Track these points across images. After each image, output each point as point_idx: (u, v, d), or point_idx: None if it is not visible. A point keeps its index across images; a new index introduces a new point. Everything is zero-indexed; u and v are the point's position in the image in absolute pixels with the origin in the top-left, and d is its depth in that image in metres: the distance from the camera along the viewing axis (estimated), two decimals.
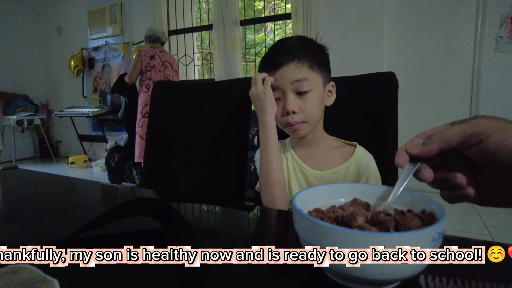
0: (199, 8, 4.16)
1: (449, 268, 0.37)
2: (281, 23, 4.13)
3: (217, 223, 0.58)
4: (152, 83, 2.90)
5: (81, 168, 4.56)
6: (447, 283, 0.32)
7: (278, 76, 0.75)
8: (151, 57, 2.94)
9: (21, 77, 5.17)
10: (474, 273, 0.36)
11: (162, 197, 0.75)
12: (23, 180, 0.91)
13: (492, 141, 0.31)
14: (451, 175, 0.35)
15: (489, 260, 0.33)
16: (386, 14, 2.83)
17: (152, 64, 2.94)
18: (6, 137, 4.94)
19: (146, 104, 2.90)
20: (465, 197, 0.36)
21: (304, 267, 0.38)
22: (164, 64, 3.00)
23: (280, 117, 0.77)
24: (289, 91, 0.75)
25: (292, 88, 0.74)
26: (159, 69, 2.95)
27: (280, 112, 0.76)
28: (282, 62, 0.74)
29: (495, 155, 0.31)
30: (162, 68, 2.97)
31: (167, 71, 3.01)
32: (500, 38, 2.52)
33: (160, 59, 2.98)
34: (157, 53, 2.98)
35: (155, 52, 2.97)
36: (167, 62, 3.03)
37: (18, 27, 5.11)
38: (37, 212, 0.62)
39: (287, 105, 0.74)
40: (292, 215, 0.35)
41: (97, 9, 4.61)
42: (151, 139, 1.20)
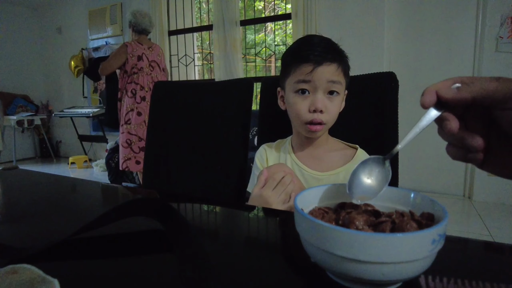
0: (199, 8, 4.16)
1: (449, 268, 0.37)
2: (281, 23, 4.13)
3: (218, 224, 0.58)
4: (140, 88, 2.69)
5: (81, 168, 4.56)
6: (448, 283, 0.32)
7: (319, 71, 0.73)
8: (138, 58, 2.69)
9: (22, 78, 5.17)
10: (474, 273, 0.35)
11: (162, 197, 0.75)
12: (23, 181, 0.91)
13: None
14: (470, 135, 0.33)
15: (489, 260, 0.33)
16: (386, 14, 2.82)
17: (140, 67, 2.70)
18: (6, 137, 4.94)
19: (130, 110, 2.69)
20: (473, 161, 0.34)
21: (304, 267, 0.38)
22: (151, 65, 2.77)
23: (305, 113, 0.74)
24: (321, 89, 0.74)
25: (326, 87, 0.74)
26: (146, 71, 2.72)
27: (306, 107, 0.74)
28: (326, 60, 0.73)
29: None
30: (149, 71, 2.75)
31: (154, 73, 2.78)
32: (501, 38, 2.51)
33: (147, 60, 2.73)
34: (145, 52, 2.72)
35: (143, 52, 2.71)
36: (154, 62, 2.79)
37: (18, 27, 5.11)
38: (37, 212, 0.62)
39: (318, 103, 0.73)
40: (292, 215, 0.35)
41: (97, 9, 4.61)
42: (152, 139, 1.20)
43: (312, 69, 0.73)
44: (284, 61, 0.81)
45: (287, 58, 0.79)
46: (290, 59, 0.77)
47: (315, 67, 0.73)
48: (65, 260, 0.41)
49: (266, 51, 3.77)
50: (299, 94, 0.75)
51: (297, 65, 0.75)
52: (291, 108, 0.78)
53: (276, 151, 0.88)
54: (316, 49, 0.74)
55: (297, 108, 0.75)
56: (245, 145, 1.01)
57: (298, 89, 0.75)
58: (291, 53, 0.79)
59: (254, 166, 0.89)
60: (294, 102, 0.76)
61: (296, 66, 0.75)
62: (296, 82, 0.75)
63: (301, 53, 0.75)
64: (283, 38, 4.14)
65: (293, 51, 0.79)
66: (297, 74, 0.75)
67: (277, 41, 4.43)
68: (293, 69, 0.76)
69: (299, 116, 0.76)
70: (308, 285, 0.35)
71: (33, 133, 5.43)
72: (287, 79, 0.78)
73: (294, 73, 0.76)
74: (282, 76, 0.81)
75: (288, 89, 0.78)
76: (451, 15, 2.68)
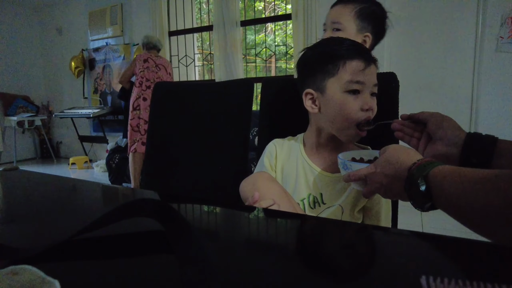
0: (199, 9, 4.17)
1: (450, 268, 0.37)
2: (282, 23, 4.13)
3: (218, 224, 0.58)
4: (145, 80, 3.04)
5: (82, 169, 4.57)
6: (449, 283, 0.32)
7: (370, 71, 0.73)
8: (144, 61, 3.08)
9: (22, 78, 5.18)
10: (475, 273, 0.35)
11: (162, 198, 0.75)
12: (23, 181, 0.91)
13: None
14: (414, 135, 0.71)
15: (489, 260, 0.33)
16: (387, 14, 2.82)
17: (146, 66, 3.07)
18: (7, 138, 4.94)
19: (138, 97, 3.04)
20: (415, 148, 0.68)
21: (305, 267, 0.38)
22: (158, 66, 3.12)
23: (357, 111, 0.73)
24: (368, 91, 0.74)
25: (371, 89, 0.74)
26: (152, 70, 3.08)
27: (358, 107, 0.73)
28: (372, 60, 0.74)
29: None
30: (155, 70, 3.10)
31: (161, 72, 3.12)
32: (501, 38, 2.51)
33: (154, 62, 3.12)
34: (151, 57, 3.13)
35: (149, 56, 3.11)
36: (161, 65, 3.15)
37: (18, 28, 5.12)
38: (38, 213, 0.62)
39: (371, 102, 0.73)
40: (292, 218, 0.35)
41: (97, 10, 4.62)
42: (152, 139, 1.20)
43: (364, 67, 0.72)
44: (318, 61, 0.76)
45: (324, 59, 0.75)
46: (333, 58, 0.73)
47: (367, 66, 0.72)
48: (66, 261, 0.41)
49: (266, 51, 3.77)
50: (350, 94, 0.73)
51: (348, 61, 0.72)
52: (339, 108, 0.74)
53: (286, 148, 0.86)
54: (354, 47, 0.74)
55: (349, 108, 0.73)
56: (245, 145, 1.01)
57: (350, 89, 0.72)
58: (333, 53, 0.74)
59: (261, 162, 0.87)
60: (345, 101, 0.73)
61: (346, 63, 0.72)
62: (349, 81, 0.72)
63: (344, 51, 0.73)
64: (283, 38, 4.15)
65: (332, 51, 0.75)
66: (348, 73, 0.72)
67: (277, 42, 4.43)
68: (341, 67, 0.73)
69: (350, 116, 0.73)
70: (308, 285, 0.35)
71: (34, 134, 5.43)
72: (329, 79, 0.74)
73: (343, 72, 0.72)
74: (317, 76, 0.76)
75: (334, 88, 0.74)
76: (451, 15, 2.68)
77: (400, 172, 0.53)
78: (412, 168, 0.51)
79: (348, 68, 0.72)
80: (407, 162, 0.53)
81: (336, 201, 0.77)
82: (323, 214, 0.78)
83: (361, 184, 0.63)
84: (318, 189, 0.79)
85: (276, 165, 0.85)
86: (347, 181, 0.64)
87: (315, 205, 0.78)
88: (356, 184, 0.65)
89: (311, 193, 0.79)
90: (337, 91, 0.73)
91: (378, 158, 0.59)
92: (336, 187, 0.78)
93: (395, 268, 0.39)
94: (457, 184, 0.44)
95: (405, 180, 0.52)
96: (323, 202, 0.78)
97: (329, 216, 0.76)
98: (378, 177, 0.58)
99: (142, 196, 0.77)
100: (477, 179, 0.42)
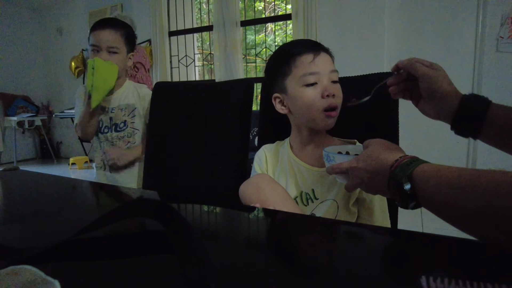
0: (199, 9, 4.17)
1: (450, 268, 0.37)
2: (282, 23, 4.13)
3: (218, 224, 0.58)
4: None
5: (82, 169, 4.56)
6: (449, 283, 0.32)
7: (320, 60, 0.76)
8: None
9: (22, 78, 5.17)
10: (474, 273, 0.35)
11: (162, 198, 0.75)
12: (24, 181, 0.91)
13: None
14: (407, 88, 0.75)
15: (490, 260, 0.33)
16: (387, 14, 2.83)
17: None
18: (7, 138, 4.94)
19: None
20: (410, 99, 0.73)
21: (304, 267, 0.38)
22: (136, 67, 2.78)
23: (319, 99, 0.75)
24: (326, 78, 0.76)
25: (329, 77, 0.76)
26: (130, 73, 2.69)
27: (318, 95, 0.75)
28: (320, 49, 0.77)
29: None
30: (133, 72, 2.75)
31: (140, 74, 2.81)
32: (501, 38, 2.51)
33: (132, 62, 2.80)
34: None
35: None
36: (139, 64, 2.81)
37: (19, 28, 5.12)
38: (38, 213, 0.62)
39: (330, 88, 0.75)
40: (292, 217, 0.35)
41: (97, 10, 4.61)
42: (152, 140, 1.20)
43: (313, 57, 0.75)
44: (274, 65, 0.83)
45: (279, 62, 0.81)
46: (284, 59, 0.79)
47: (315, 55, 0.75)
48: (66, 261, 0.41)
49: (266, 51, 3.77)
50: (307, 87, 0.76)
51: (297, 57, 0.76)
52: (302, 101, 0.77)
53: (275, 151, 0.89)
54: (304, 42, 0.79)
55: (309, 98, 0.75)
56: (245, 146, 1.01)
57: (305, 83, 0.75)
58: (284, 54, 0.80)
59: (252, 170, 0.89)
60: (304, 94, 0.76)
61: (296, 60, 0.76)
62: (302, 75, 0.75)
63: (293, 49, 0.78)
64: (283, 38, 4.15)
65: (284, 52, 0.81)
66: (299, 69, 0.76)
67: (277, 42, 4.43)
68: (292, 65, 0.77)
69: (313, 105, 0.75)
70: (308, 285, 0.35)
71: (34, 134, 5.43)
72: (286, 79, 0.79)
73: (295, 69, 0.76)
74: (278, 80, 0.81)
75: (292, 86, 0.78)
76: (451, 15, 2.68)
77: (381, 169, 0.53)
78: (394, 166, 0.50)
79: (298, 63, 0.76)
80: (389, 159, 0.52)
81: (328, 195, 0.78)
82: (317, 209, 0.78)
83: (345, 177, 0.63)
84: (309, 185, 0.80)
85: (267, 169, 0.87)
86: (330, 173, 0.64)
87: (308, 202, 0.79)
88: (339, 177, 0.65)
89: (302, 190, 0.80)
90: (296, 87, 0.77)
91: (361, 153, 0.59)
92: (326, 181, 0.79)
93: (395, 268, 0.39)
94: (440, 186, 0.43)
95: (388, 179, 0.51)
96: (316, 198, 0.79)
97: (325, 212, 0.77)
98: (359, 172, 0.57)
99: (142, 196, 0.77)
100: (459, 181, 0.41)
